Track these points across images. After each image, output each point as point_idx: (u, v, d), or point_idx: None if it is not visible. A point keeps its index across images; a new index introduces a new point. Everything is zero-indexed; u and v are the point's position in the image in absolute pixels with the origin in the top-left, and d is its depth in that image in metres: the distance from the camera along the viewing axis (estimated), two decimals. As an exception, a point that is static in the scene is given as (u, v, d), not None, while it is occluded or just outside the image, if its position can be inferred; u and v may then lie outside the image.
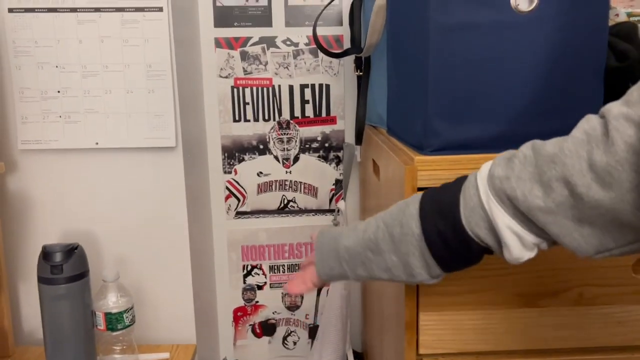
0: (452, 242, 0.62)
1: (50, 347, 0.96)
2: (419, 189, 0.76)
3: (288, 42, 1.31)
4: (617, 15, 0.93)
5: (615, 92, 0.80)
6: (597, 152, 0.51)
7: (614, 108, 0.51)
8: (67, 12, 1.05)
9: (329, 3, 1.17)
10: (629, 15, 0.94)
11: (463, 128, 0.77)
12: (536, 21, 0.74)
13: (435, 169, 0.76)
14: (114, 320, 0.99)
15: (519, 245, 0.59)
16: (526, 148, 0.59)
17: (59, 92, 1.07)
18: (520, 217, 0.58)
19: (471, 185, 0.62)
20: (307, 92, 1.34)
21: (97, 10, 1.05)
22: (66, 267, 0.93)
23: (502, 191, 0.58)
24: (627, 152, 0.49)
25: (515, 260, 0.60)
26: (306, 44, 1.31)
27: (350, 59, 1.25)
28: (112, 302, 1.00)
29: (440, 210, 0.63)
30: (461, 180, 0.64)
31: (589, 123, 0.53)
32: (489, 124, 0.77)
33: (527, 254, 0.60)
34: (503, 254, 0.61)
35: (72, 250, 0.94)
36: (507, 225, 0.58)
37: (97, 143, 1.09)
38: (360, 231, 0.71)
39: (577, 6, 0.75)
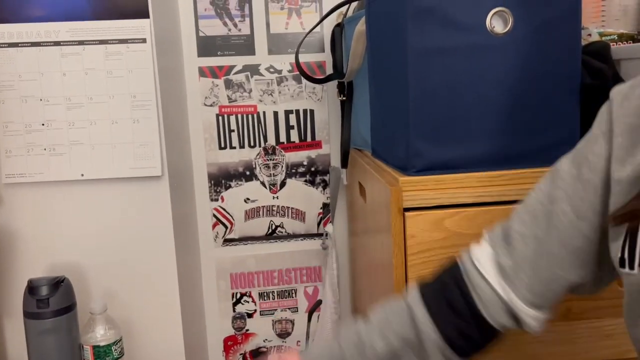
0: (476, 338, 0.63)
1: (37, 384, 0.94)
2: (405, 210, 0.77)
3: (271, 70, 1.33)
4: (589, 35, 0.96)
5: (591, 109, 0.82)
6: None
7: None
8: (50, 45, 1.05)
9: (311, 30, 1.19)
10: (601, 34, 0.97)
11: (445, 148, 0.78)
12: (512, 43, 0.76)
13: (420, 189, 0.77)
14: (102, 354, 0.97)
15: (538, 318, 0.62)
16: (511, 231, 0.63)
17: (43, 124, 1.07)
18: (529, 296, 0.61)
19: (476, 277, 0.62)
20: (292, 117, 1.35)
21: (81, 43, 1.06)
22: (52, 300, 0.91)
23: (514, 278, 0.61)
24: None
25: (537, 328, 0.63)
26: (289, 71, 1.33)
27: (333, 84, 1.27)
28: (100, 334, 0.98)
29: (454, 309, 0.63)
30: (454, 270, 0.64)
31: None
32: (470, 144, 0.79)
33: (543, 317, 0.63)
34: (523, 328, 0.63)
35: (59, 284, 0.93)
36: (526, 313, 0.61)
37: (82, 174, 1.09)
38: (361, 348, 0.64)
39: (551, 27, 0.77)
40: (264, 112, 1.34)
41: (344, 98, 1.15)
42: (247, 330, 1.40)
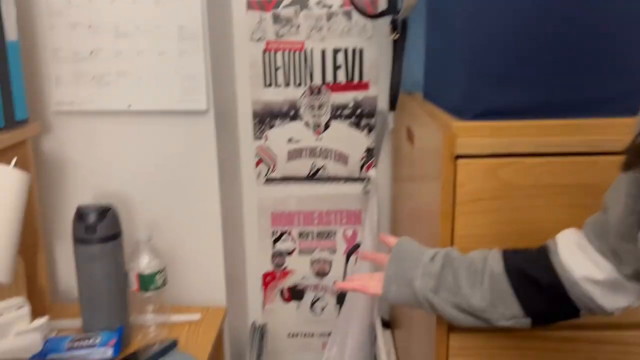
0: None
1: (85, 306, 0.98)
2: (457, 157, 0.74)
3: (321, 5, 1.27)
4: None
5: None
6: None
7: None
8: (99, -29, 1.03)
9: (365, -37, 1.12)
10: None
11: (505, 93, 0.74)
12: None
13: (474, 136, 0.74)
14: (146, 281, 1.00)
15: None
16: None
17: (91, 53, 1.06)
18: None
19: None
20: (340, 56, 1.30)
21: (129, -31, 1.03)
22: (100, 227, 0.94)
23: None
24: None
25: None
26: (340, 6, 1.27)
27: (385, 22, 1.21)
28: (145, 263, 1.01)
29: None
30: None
31: None
32: (532, 89, 0.73)
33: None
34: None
35: (106, 212, 0.95)
36: None
37: (129, 105, 1.09)
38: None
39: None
40: (312, 50, 1.30)
41: (397, 36, 1.10)
42: (286, 267, 1.43)
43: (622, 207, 0.58)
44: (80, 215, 0.94)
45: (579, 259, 0.63)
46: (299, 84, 1.32)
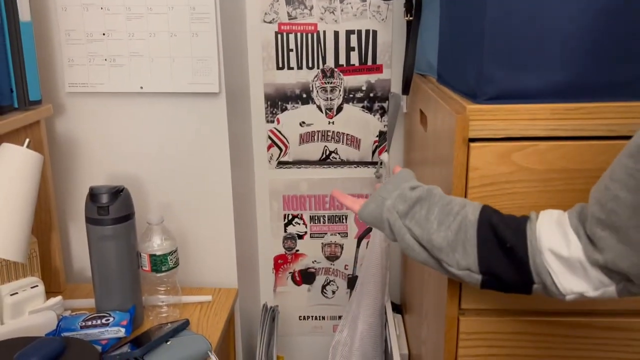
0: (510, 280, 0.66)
1: (98, 285, 1.00)
2: (470, 140, 0.73)
3: (335, -14, 1.26)
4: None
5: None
6: None
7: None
8: (111, -49, 1.03)
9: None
10: None
11: (521, 75, 0.72)
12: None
13: (488, 119, 0.72)
14: (158, 262, 1.01)
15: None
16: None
17: (104, 34, 1.06)
18: None
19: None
20: (353, 38, 1.29)
21: (141, -51, 1.02)
22: (112, 208, 0.94)
23: None
24: None
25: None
26: (354, -12, 1.25)
27: (399, 3, 1.19)
28: (157, 244, 1.02)
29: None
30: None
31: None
32: (549, 72, 0.72)
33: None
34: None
35: (118, 193, 0.95)
36: None
37: (141, 87, 1.09)
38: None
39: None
40: (324, 32, 1.28)
41: (411, 18, 1.08)
42: (297, 250, 1.43)
43: (603, 192, 0.57)
44: (93, 195, 0.95)
45: (552, 231, 0.63)
46: (312, 67, 1.31)
